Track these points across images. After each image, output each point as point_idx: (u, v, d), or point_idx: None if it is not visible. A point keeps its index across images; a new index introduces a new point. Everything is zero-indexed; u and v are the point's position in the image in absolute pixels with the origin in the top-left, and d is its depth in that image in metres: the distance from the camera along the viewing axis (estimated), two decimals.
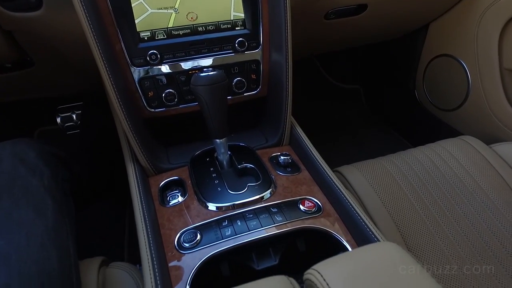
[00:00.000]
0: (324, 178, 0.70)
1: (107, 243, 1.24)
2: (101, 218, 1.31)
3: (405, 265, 0.39)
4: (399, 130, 1.74)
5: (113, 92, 0.70)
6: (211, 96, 0.68)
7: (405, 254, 0.40)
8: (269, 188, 0.70)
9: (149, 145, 0.79)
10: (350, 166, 1.01)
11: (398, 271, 0.38)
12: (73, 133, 1.37)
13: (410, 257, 0.40)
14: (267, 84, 0.89)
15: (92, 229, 1.24)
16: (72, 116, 1.37)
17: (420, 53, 1.45)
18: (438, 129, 1.42)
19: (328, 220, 0.64)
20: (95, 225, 1.25)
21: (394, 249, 0.41)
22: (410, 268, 0.38)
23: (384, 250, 0.41)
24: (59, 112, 1.35)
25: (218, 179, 0.72)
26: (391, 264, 0.39)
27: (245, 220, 0.62)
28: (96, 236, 1.22)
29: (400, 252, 0.40)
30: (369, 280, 0.37)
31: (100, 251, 1.11)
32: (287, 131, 0.85)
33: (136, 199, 0.66)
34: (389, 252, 0.40)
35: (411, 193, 0.91)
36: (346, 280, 0.37)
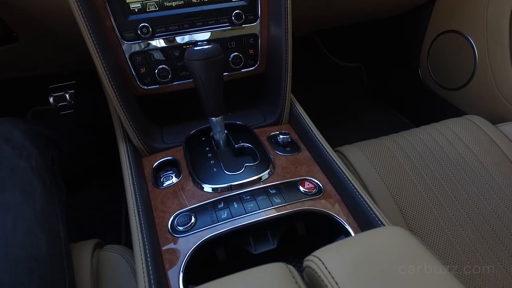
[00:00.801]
0: (325, 158, 0.66)
1: (105, 225, 1.22)
2: (99, 199, 1.28)
3: (414, 251, 0.35)
4: (402, 110, 1.69)
5: (102, 68, 0.66)
6: (206, 72, 0.64)
7: (413, 239, 0.37)
8: (267, 168, 0.66)
9: (142, 124, 0.75)
10: (352, 146, 0.97)
11: (406, 258, 0.34)
12: (67, 113, 1.32)
13: (418, 243, 0.36)
14: (265, 59, 0.84)
15: (90, 210, 1.22)
16: (65, 95, 1.31)
17: (425, 29, 1.38)
18: (442, 109, 1.37)
19: (329, 202, 0.60)
20: (93, 207, 1.22)
21: (401, 234, 0.37)
22: (419, 254, 0.35)
23: (390, 236, 0.37)
24: (51, 91, 1.30)
25: (214, 159, 0.68)
26: (399, 251, 0.35)
27: (242, 202, 0.59)
28: (94, 218, 1.19)
29: (407, 237, 0.37)
30: (375, 268, 0.33)
31: (97, 233, 1.09)
32: (287, 109, 0.81)
33: (127, 180, 0.62)
34: (396, 238, 0.37)
35: (414, 174, 0.88)
36: (349, 268, 0.34)
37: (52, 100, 1.31)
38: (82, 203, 1.20)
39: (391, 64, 1.68)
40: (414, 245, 0.35)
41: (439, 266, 0.32)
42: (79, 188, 1.08)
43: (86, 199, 1.22)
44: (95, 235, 1.09)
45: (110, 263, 0.69)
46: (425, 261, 0.34)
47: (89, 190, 1.24)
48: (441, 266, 0.32)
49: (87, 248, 0.72)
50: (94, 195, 1.23)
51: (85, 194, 1.22)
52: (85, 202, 1.21)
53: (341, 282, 0.33)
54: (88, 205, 1.21)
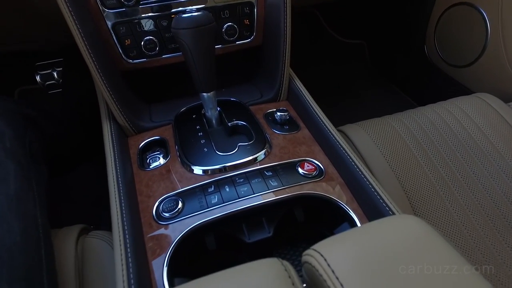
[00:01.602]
0: (327, 137, 0.60)
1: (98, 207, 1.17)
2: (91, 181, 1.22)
3: (435, 246, 0.29)
4: (406, 89, 1.61)
5: (81, 39, 0.58)
6: (195, 42, 0.56)
7: (433, 231, 0.31)
8: (263, 148, 0.60)
9: (128, 101, 0.68)
10: (354, 125, 0.91)
11: (426, 255, 0.28)
12: (55, 92, 1.25)
13: (439, 236, 0.30)
14: (262, 31, 0.76)
15: (81, 193, 1.17)
16: (52, 73, 1.24)
17: (433, 2, 1.29)
18: (448, 88, 1.29)
19: (330, 185, 0.54)
20: (85, 189, 1.17)
21: (418, 225, 0.31)
22: (441, 250, 0.29)
23: (405, 226, 0.31)
24: (37, 69, 1.22)
25: (204, 139, 0.62)
26: (416, 245, 0.29)
27: (235, 185, 0.53)
28: (86, 201, 1.14)
29: (426, 228, 0.31)
30: (387, 266, 0.28)
31: (89, 217, 1.04)
32: (285, 84, 0.73)
33: (109, 162, 0.56)
34: (412, 229, 0.31)
35: (421, 155, 0.81)
36: (356, 265, 0.28)
37: (39, 78, 1.23)
38: (73, 185, 1.15)
39: (395, 40, 1.59)
40: (435, 239, 0.29)
41: (466, 266, 0.27)
42: (67, 170, 1.02)
43: (77, 181, 1.16)
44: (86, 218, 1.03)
45: (95, 250, 0.64)
46: (449, 258, 0.28)
47: (80, 172, 1.18)
48: (468, 266, 0.27)
49: (72, 234, 0.66)
50: (85, 176, 1.18)
51: (76, 176, 1.16)
52: (75, 184, 1.16)
53: (346, 283, 0.27)
54: (79, 187, 1.16)
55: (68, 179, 1.13)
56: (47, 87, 1.24)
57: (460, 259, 0.28)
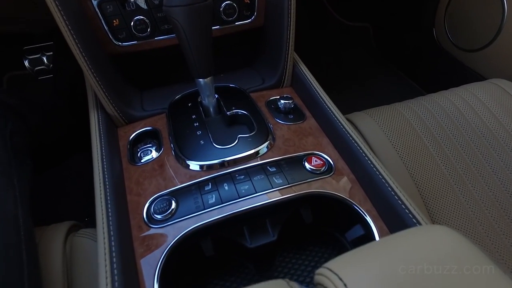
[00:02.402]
0: (336, 128, 0.54)
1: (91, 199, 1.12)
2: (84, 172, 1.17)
3: (475, 265, 0.24)
4: (413, 75, 1.53)
5: (60, 18, 0.52)
6: (190, 21, 0.50)
7: (472, 246, 0.25)
8: (265, 140, 0.54)
9: (117, 88, 0.62)
10: (362, 113, 0.84)
11: (465, 278, 0.23)
12: (45, 78, 1.18)
13: (479, 252, 0.25)
14: (264, 10, 0.69)
15: (74, 184, 1.11)
16: (42, 58, 1.16)
17: None
18: (458, 73, 1.22)
19: (341, 182, 0.49)
20: (78, 181, 1.12)
21: (453, 239, 0.26)
22: (487, 273, 0.23)
23: (437, 241, 0.26)
24: (25, 53, 1.14)
25: (201, 130, 0.56)
26: (453, 266, 0.24)
27: (234, 183, 0.47)
28: (79, 193, 1.09)
29: (463, 244, 0.25)
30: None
31: (82, 211, 0.99)
32: (289, 69, 0.67)
33: (96, 154, 0.50)
34: (446, 245, 0.26)
35: (432, 145, 0.76)
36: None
37: (28, 63, 1.16)
38: (64, 177, 1.10)
39: (402, 22, 1.51)
40: (477, 257, 0.24)
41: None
42: (58, 162, 0.96)
43: (70, 172, 1.11)
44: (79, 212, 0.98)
45: (84, 249, 0.59)
46: (496, 282, 0.22)
47: (74, 162, 1.12)
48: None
49: (60, 232, 0.61)
50: (79, 167, 1.12)
51: (69, 167, 1.11)
52: (69, 176, 1.10)
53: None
54: (73, 179, 1.11)
55: (61, 170, 1.08)
56: (36, 73, 1.16)
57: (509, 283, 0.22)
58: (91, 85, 0.58)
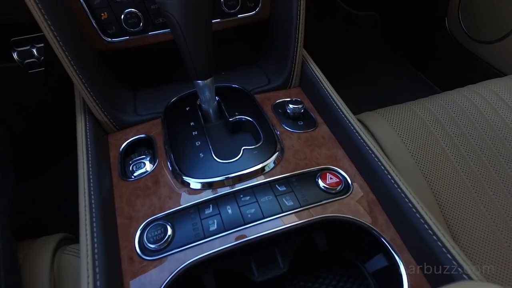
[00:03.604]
0: (351, 137, 0.47)
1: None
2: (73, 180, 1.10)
3: None
4: (422, 68, 1.44)
5: (37, 10, 0.44)
6: (186, 16, 0.43)
7: None
8: (273, 153, 0.48)
9: (107, 89, 0.55)
10: (373, 113, 0.78)
11: None
12: (36, 71, 1.10)
13: None
14: (269, 2, 0.61)
15: (67, 190, 1.05)
16: (31, 50, 1.08)
17: None
18: (473, 68, 1.14)
19: (360, 204, 0.42)
20: (72, 182, 1.05)
21: None
22: None
23: None
24: (14, 45, 1.06)
25: (200, 139, 0.49)
26: None
27: (239, 205, 0.41)
28: (71, 199, 1.03)
29: None
30: None
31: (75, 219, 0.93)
32: (297, 68, 0.60)
33: (82, 170, 0.44)
34: None
35: (450, 148, 0.69)
36: None
37: (17, 56, 1.08)
38: (60, 177, 1.03)
39: (411, 11, 1.41)
40: None
41: None
42: (51, 162, 0.89)
43: (65, 172, 1.04)
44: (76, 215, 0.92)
45: (74, 268, 0.53)
46: None
47: (69, 161, 1.05)
48: None
49: (48, 247, 0.56)
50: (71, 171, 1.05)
51: (64, 167, 1.04)
52: (64, 176, 1.04)
53: None
54: (68, 179, 1.04)
55: (57, 170, 1.01)
56: (26, 66, 1.09)
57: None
58: (77, 87, 0.51)
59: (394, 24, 1.54)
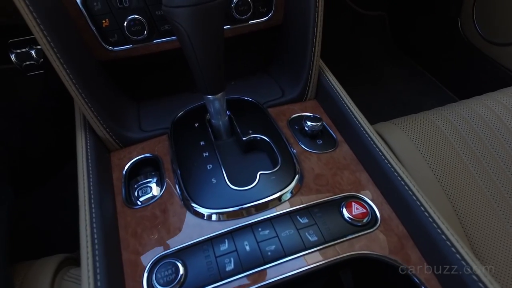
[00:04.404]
0: (376, 159, 0.43)
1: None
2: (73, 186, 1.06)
3: None
4: (434, 71, 1.38)
5: (30, 17, 0.40)
6: (196, 25, 0.38)
7: None
8: (292, 178, 0.43)
9: (109, 103, 0.50)
10: (389, 124, 0.73)
11: None
12: (35, 74, 1.04)
13: None
14: (283, 6, 0.56)
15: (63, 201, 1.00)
16: (30, 52, 1.03)
17: None
18: (489, 72, 1.09)
19: (390, 238, 0.38)
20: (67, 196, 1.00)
21: None
22: None
23: None
24: (11, 47, 1.01)
25: (212, 162, 0.45)
26: None
27: (258, 240, 0.36)
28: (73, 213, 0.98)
29: None
30: None
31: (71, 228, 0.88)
32: (314, 79, 0.55)
33: (82, 195, 0.39)
34: None
35: (471, 162, 0.65)
36: None
37: (15, 58, 1.02)
38: (57, 190, 0.98)
39: (421, 10, 1.35)
40: None
41: None
42: (48, 178, 0.84)
43: (62, 184, 0.99)
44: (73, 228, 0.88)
45: None
46: None
47: (65, 173, 1.00)
48: None
49: (48, 271, 0.52)
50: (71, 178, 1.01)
51: (60, 178, 0.98)
52: (60, 189, 0.98)
53: None
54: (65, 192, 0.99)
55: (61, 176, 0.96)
56: (25, 68, 1.03)
57: None
58: (77, 102, 0.46)
59: (403, 24, 1.48)
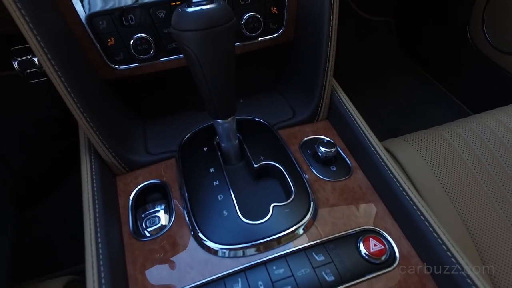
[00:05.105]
0: (394, 190, 0.41)
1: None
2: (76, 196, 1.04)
3: None
4: (441, 79, 1.35)
5: (31, 35, 0.38)
6: (206, 50, 0.36)
7: None
8: (307, 210, 0.41)
9: (114, 125, 0.48)
10: (399, 140, 0.71)
11: None
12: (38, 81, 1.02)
13: None
14: (294, 22, 0.54)
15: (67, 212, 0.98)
16: (32, 59, 1.00)
17: None
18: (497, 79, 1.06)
19: (410, 279, 0.36)
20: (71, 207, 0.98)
21: None
22: None
23: None
24: (14, 54, 0.98)
25: (223, 192, 0.42)
26: None
27: (272, 281, 0.34)
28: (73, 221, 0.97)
29: None
30: None
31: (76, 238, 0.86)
32: (326, 99, 0.53)
33: (88, 224, 0.37)
34: None
35: (485, 181, 0.63)
36: None
37: (17, 65, 1.00)
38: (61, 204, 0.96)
39: (429, 17, 1.32)
40: None
41: None
42: (50, 194, 0.81)
43: (65, 194, 0.96)
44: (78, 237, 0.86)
45: None
46: None
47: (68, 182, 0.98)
48: None
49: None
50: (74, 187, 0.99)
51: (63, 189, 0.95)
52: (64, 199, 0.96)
53: None
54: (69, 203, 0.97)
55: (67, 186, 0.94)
56: (27, 76, 1.01)
57: None
58: (81, 126, 0.44)
59: (410, 30, 1.45)
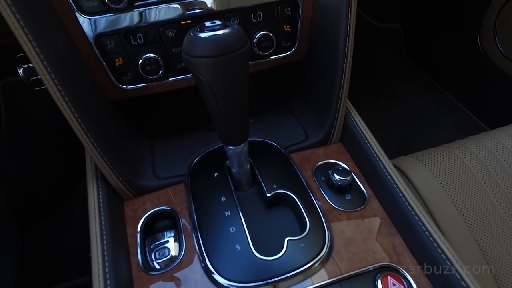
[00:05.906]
0: (412, 224, 0.39)
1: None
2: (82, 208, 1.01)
3: None
4: (450, 88, 1.31)
5: (37, 59, 0.36)
6: (219, 77, 0.34)
7: None
8: (323, 245, 0.39)
9: (122, 151, 0.46)
10: (410, 158, 0.69)
11: None
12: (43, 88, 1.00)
13: None
14: (307, 40, 0.52)
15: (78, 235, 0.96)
16: None
17: None
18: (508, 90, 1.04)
19: None
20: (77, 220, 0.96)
21: None
22: None
23: None
24: (19, 61, 0.97)
25: (235, 224, 0.40)
26: None
27: None
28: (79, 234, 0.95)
29: None
30: None
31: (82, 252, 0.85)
32: (340, 121, 0.51)
33: (95, 256, 0.36)
34: None
35: (500, 201, 0.61)
36: None
37: (22, 72, 0.98)
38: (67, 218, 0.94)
39: (439, 24, 1.29)
40: None
41: None
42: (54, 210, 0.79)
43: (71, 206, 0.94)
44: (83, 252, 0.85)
45: None
46: None
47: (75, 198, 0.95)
48: None
49: None
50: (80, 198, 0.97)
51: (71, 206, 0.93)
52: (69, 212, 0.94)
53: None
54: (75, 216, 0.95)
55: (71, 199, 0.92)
56: (32, 83, 0.99)
57: None
58: (88, 151, 0.42)
59: (418, 37, 1.42)
